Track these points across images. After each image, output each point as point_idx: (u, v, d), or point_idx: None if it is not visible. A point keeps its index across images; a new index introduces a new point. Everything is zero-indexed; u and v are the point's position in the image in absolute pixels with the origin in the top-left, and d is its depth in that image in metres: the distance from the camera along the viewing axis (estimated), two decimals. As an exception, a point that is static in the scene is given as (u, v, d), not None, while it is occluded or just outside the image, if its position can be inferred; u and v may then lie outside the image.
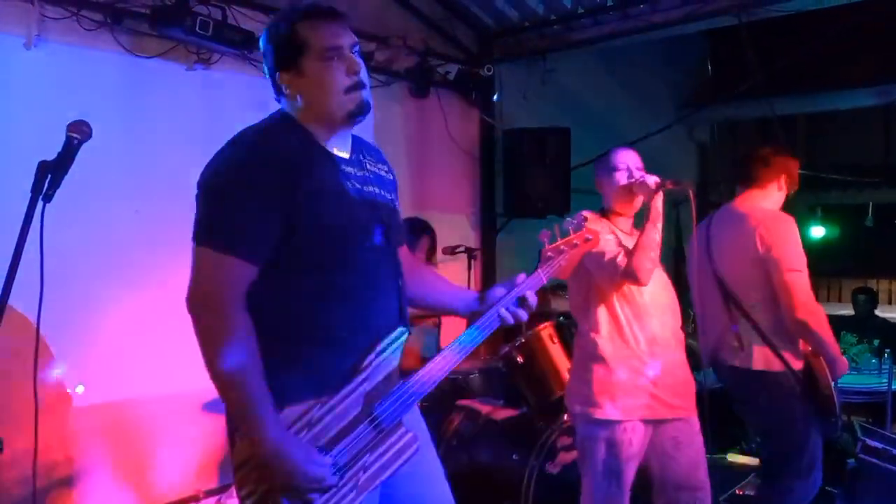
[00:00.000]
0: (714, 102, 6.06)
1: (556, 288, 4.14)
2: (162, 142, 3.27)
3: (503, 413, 3.26)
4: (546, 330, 3.31)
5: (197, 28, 3.13)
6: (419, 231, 3.64)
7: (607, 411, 2.36)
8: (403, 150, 4.48)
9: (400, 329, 1.61)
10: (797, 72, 5.06)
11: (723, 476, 3.88)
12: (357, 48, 1.59)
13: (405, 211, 4.41)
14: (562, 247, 1.79)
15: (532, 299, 1.72)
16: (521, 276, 1.74)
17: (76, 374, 3.02)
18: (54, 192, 1.55)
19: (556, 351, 3.30)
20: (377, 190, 1.68)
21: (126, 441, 3.15)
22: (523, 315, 1.71)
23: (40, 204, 1.53)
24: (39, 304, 1.63)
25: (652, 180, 2.40)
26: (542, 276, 1.77)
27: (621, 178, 2.48)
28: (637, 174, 2.47)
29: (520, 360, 3.29)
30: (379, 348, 1.57)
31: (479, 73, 4.61)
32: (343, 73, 1.55)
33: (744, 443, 4.13)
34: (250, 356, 1.44)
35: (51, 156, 1.58)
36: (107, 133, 1.81)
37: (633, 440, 2.38)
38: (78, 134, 1.57)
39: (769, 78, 4.61)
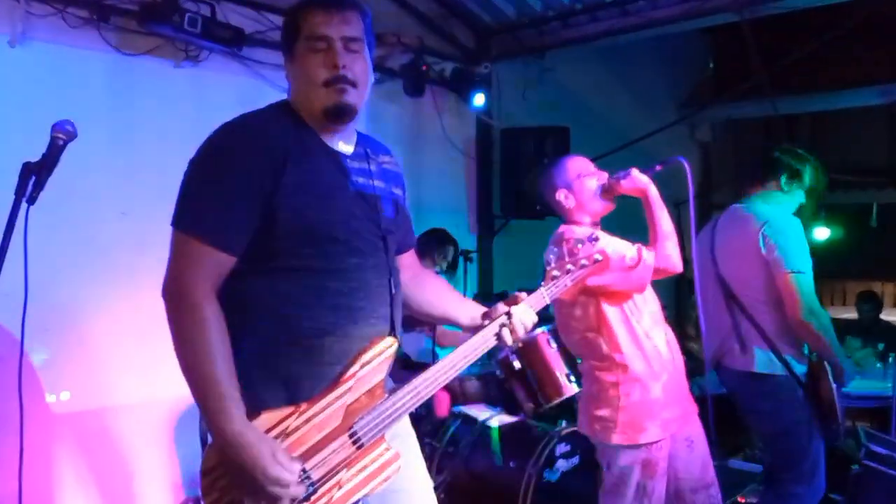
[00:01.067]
0: (716, 101, 6.08)
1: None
2: (149, 141, 3.26)
3: (500, 419, 3.26)
4: (544, 335, 3.30)
5: (185, 25, 3.13)
6: (444, 242, 3.69)
7: (651, 433, 2.30)
8: (398, 148, 4.42)
9: (389, 340, 1.55)
10: (801, 70, 5.08)
11: (725, 483, 3.88)
12: (354, 42, 1.54)
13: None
14: (569, 266, 1.74)
15: (533, 319, 1.69)
16: (523, 295, 1.70)
17: (61, 380, 3.01)
18: (38, 194, 1.53)
19: (554, 356, 3.29)
20: (383, 184, 1.64)
21: (113, 448, 3.14)
22: (524, 335, 1.68)
23: (24, 207, 1.52)
24: (24, 309, 1.63)
25: (636, 171, 2.39)
26: (546, 296, 1.73)
27: (599, 179, 2.41)
28: (603, 175, 2.44)
29: (517, 365, 3.29)
30: (364, 359, 1.51)
31: (475, 71, 4.61)
32: (323, 65, 1.50)
33: (747, 449, 4.14)
34: (217, 346, 1.40)
35: (35, 157, 1.57)
36: (93, 133, 1.81)
37: (666, 455, 2.36)
38: (63, 134, 1.56)
39: (772, 76, 4.63)
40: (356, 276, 1.53)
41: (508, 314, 1.67)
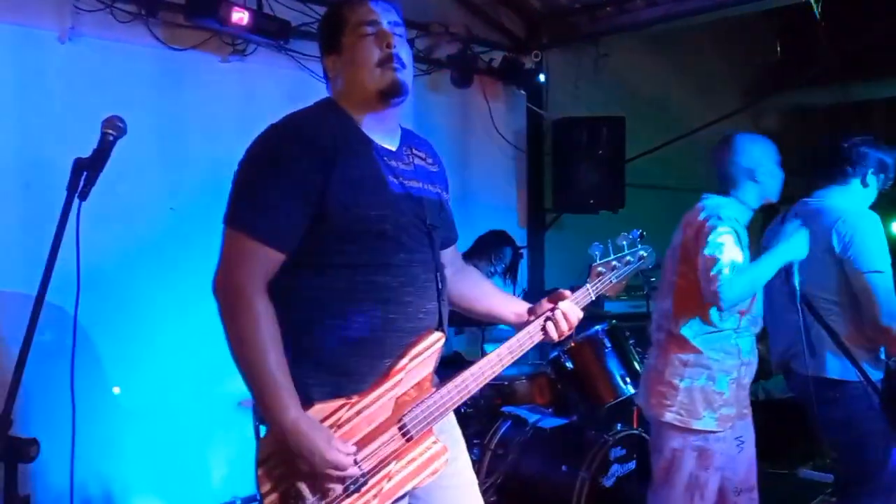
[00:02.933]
0: (782, 87, 5.89)
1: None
2: (197, 136, 3.34)
3: (552, 421, 3.24)
4: (598, 334, 3.27)
5: (232, 19, 3.19)
6: (501, 243, 3.70)
7: (706, 422, 2.37)
8: (446, 141, 4.48)
9: (437, 334, 1.61)
10: (874, 53, 4.88)
11: (793, 493, 3.79)
12: (399, 27, 1.62)
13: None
14: (614, 263, 1.77)
15: (579, 315, 1.72)
16: (567, 292, 1.74)
17: (113, 373, 3.12)
18: (90, 189, 1.60)
19: (609, 357, 3.26)
20: (423, 184, 1.68)
21: (163, 443, 3.23)
22: (566, 331, 1.71)
23: (76, 202, 1.58)
24: (76, 303, 1.69)
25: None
26: (591, 293, 1.76)
27: None
28: None
29: (570, 365, 3.27)
30: (413, 353, 1.57)
31: (525, 60, 4.58)
32: (376, 46, 1.58)
33: (817, 458, 4.02)
34: (271, 341, 1.47)
35: (85, 151, 1.63)
36: (141, 128, 1.87)
37: (723, 450, 2.40)
38: (113, 130, 1.63)
39: (843, 60, 4.46)
40: (404, 271, 1.58)
41: (553, 310, 1.70)
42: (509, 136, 4.85)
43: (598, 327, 3.31)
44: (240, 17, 3.17)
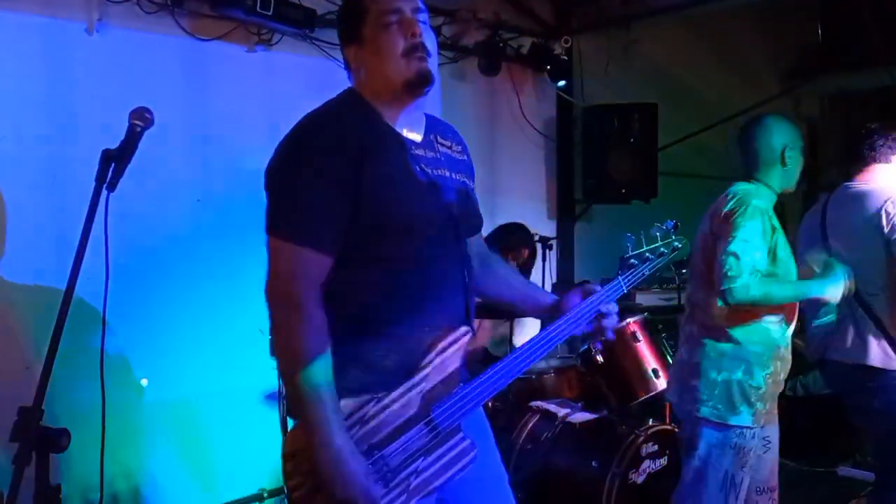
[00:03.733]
0: (824, 71, 5.76)
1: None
2: (224, 126, 3.38)
3: (581, 416, 3.23)
4: (630, 326, 3.25)
5: (258, 8, 3.21)
6: (519, 240, 3.69)
7: (743, 417, 2.34)
8: (473, 131, 4.46)
9: (464, 328, 1.60)
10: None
11: (832, 491, 3.74)
12: (422, 14, 1.59)
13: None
14: (647, 254, 1.76)
15: (614, 311, 1.71)
16: (595, 287, 1.73)
17: (141, 366, 3.18)
18: (118, 180, 1.62)
19: (641, 350, 3.24)
20: (449, 174, 1.67)
21: (190, 435, 3.29)
22: (599, 329, 1.71)
23: (104, 193, 1.61)
24: (105, 294, 1.72)
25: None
26: (623, 285, 1.74)
27: None
28: None
29: (600, 359, 3.25)
30: (440, 347, 1.57)
31: (555, 46, 4.54)
32: (401, 35, 1.55)
33: (858, 455, 3.96)
34: (324, 359, 1.47)
35: (113, 142, 1.66)
36: (168, 118, 1.89)
37: (756, 449, 2.36)
38: (140, 121, 1.65)
39: (888, 42, 4.35)
40: (431, 265, 1.58)
41: (584, 302, 1.69)
42: (538, 124, 4.82)
43: (629, 319, 3.29)
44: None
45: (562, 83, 4.72)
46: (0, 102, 2.85)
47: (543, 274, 4.49)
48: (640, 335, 3.25)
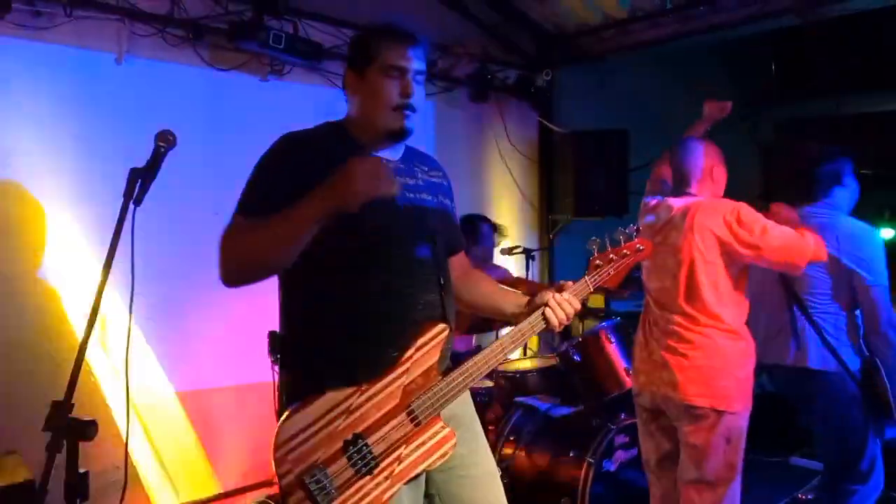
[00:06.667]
0: (779, 101, 5.82)
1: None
2: (238, 148, 3.36)
3: (560, 410, 3.24)
4: (604, 330, 3.27)
5: (270, 41, 3.24)
6: (476, 223, 3.72)
7: (748, 403, 2.37)
8: (464, 153, 4.50)
9: (441, 326, 1.61)
10: (865, 69, 4.81)
11: (784, 479, 3.75)
12: (421, 77, 1.64)
13: (465, 213, 4.39)
14: (611, 255, 1.77)
15: (576, 305, 1.72)
16: (569, 284, 1.74)
17: (163, 365, 3.17)
18: (143, 196, 1.63)
19: (613, 350, 3.25)
20: (429, 197, 1.69)
21: (208, 428, 3.28)
22: (566, 321, 1.71)
23: (131, 208, 1.61)
24: (130, 301, 1.73)
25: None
26: (590, 284, 1.76)
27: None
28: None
29: (577, 358, 3.26)
30: (419, 343, 1.58)
31: (537, 77, 4.58)
32: (397, 91, 1.60)
33: (807, 447, 3.97)
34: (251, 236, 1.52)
35: (139, 162, 1.67)
36: (189, 140, 1.90)
37: None
38: (164, 143, 1.66)
39: (836, 75, 4.41)
40: (410, 273, 1.61)
41: (552, 299, 1.70)
42: (522, 147, 4.85)
43: (604, 323, 3.30)
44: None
45: (543, 111, 4.77)
46: (37, 124, 2.86)
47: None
48: (613, 338, 3.26)
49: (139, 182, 1.62)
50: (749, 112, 6.08)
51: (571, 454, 2.98)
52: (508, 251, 4.17)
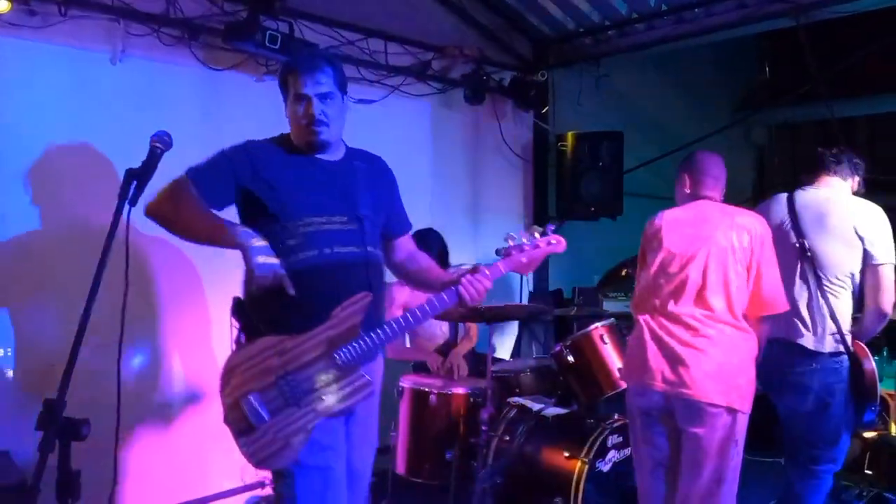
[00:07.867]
0: (772, 104, 5.85)
1: (609, 289, 4.08)
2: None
3: (554, 410, 3.24)
4: (597, 330, 3.27)
5: (266, 42, 3.23)
6: (432, 243, 3.69)
7: (751, 405, 2.40)
8: (459, 153, 4.50)
9: (364, 293, 1.89)
10: (857, 73, 4.84)
11: (777, 479, 3.76)
12: (327, 96, 1.96)
13: (460, 213, 4.40)
14: (525, 246, 1.99)
15: (487, 284, 1.96)
16: (482, 267, 1.98)
17: (155, 367, 3.16)
18: (139, 196, 1.63)
19: (607, 351, 3.25)
20: (362, 181, 1.99)
21: (201, 427, 3.27)
22: (477, 296, 1.95)
23: (126, 207, 1.61)
24: (124, 300, 1.72)
25: None
26: (501, 268, 2.00)
27: None
28: None
29: (571, 359, 3.27)
30: (345, 304, 1.87)
31: (532, 79, 4.59)
32: (303, 114, 1.96)
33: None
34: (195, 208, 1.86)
35: (135, 162, 1.66)
36: (184, 141, 1.90)
37: None
38: (160, 144, 1.66)
39: (829, 79, 4.43)
40: (331, 244, 1.91)
41: (465, 277, 1.95)
42: (517, 149, 4.86)
43: (597, 324, 3.31)
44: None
45: (538, 112, 4.77)
46: (33, 123, 2.85)
47: (521, 282, 4.51)
48: (606, 339, 3.27)
49: (134, 183, 1.62)
50: (743, 115, 6.11)
51: (565, 454, 2.98)
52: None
